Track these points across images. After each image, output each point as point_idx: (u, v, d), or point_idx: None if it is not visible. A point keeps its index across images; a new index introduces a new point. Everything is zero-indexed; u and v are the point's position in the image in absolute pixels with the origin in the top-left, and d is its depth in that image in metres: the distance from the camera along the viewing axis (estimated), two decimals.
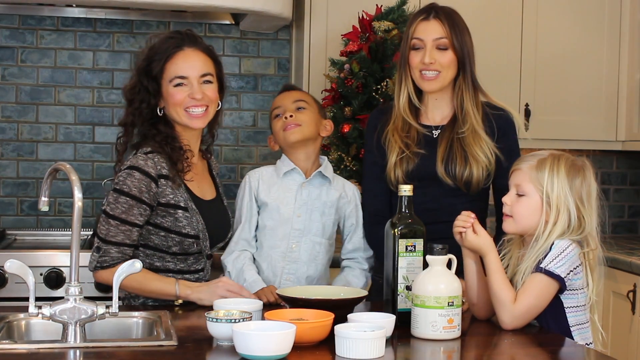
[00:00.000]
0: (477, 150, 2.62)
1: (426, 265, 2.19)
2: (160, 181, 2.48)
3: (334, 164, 3.60)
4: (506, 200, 2.34)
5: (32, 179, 4.00)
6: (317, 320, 2.04)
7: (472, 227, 2.29)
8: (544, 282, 2.22)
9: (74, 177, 2.06)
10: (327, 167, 2.76)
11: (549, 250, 2.24)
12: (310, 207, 2.71)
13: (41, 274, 3.29)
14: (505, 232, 2.38)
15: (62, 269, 3.33)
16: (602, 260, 2.33)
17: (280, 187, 2.71)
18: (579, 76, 4.09)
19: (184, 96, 2.52)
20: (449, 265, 2.19)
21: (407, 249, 2.26)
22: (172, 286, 2.45)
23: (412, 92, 2.69)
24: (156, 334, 2.16)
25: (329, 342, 1.99)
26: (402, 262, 2.26)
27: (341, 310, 2.16)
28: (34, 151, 4.00)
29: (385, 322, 2.07)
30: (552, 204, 2.27)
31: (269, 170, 2.76)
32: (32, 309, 2.01)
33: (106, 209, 2.46)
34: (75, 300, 2.03)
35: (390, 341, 2.08)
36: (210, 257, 2.62)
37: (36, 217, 4.01)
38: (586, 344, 2.27)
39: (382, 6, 3.68)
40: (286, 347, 1.88)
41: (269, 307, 2.40)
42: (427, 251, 2.19)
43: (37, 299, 2.02)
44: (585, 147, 4.23)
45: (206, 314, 2.04)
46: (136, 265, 2.05)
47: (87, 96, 4.03)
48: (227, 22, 4.11)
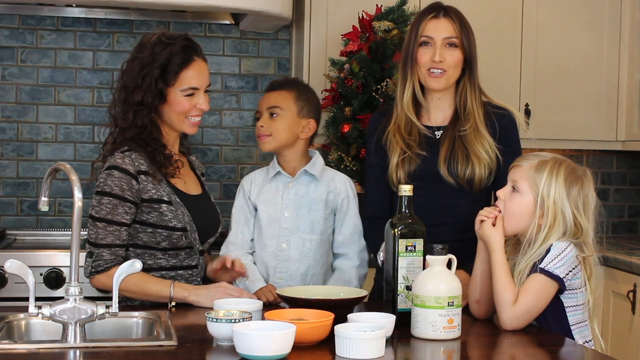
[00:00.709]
0: (479, 147, 2.61)
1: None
2: (140, 177, 2.49)
3: (334, 164, 3.60)
4: (500, 194, 2.34)
5: (32, 179, 4.00)
6: (317, 320, 2.04)
7: (495, 219, 2.30)
8: (544, 282, 2.22)
9: (74, 177, 2.06)
10: (315, 164, 2.76)
11: (545, 252, 2.23)
12: (297, 205, 2.72)
13: (41, 274, 3.30)
14: None
15: (62, 269, 3.33)
16: (597, 261, 2.33)
17: (269, 189, 2.76)
18: (579, 76, 4.09)
19: (192, 105, 2.57)
20: (449, 265, 2.19)
21: (407, 249, 2.26)
22: (168, 288, 2.45)
23: (417, 89, 2.67)
24: (156, 334, 2.16)
25: (329, 342, 1.99)
26: (402, 262, 2.26)
27: (341, 310, 2.16)
28: (33, 151, 4.00)
29: (385, 322, 2.07)
30: (548, 208, 2.26)
31: (262, 173, 2.81)
32: (32, 309, 2.01)
33: (92, 212, 2.49)
34: (75, 300, 2.03)
35: (390, 341, 2.08)
36: (202, 253, 2.62)
37: (36, 217, 4.01)
38: (586, 341, 2.28)
39: (382, 6, 3.68)
40: (286, 347, 1.88)
41: (269, 307, 2.40)
42: (427, 251, 2.19)
43: (37, 299, 2.02)
44: (585, 147, 4.23)
45: (206, 314, 2.04)
46: (136, 265, 2.05)
47: (87, 96, 4.03)
48: (227, 22, 4.11)
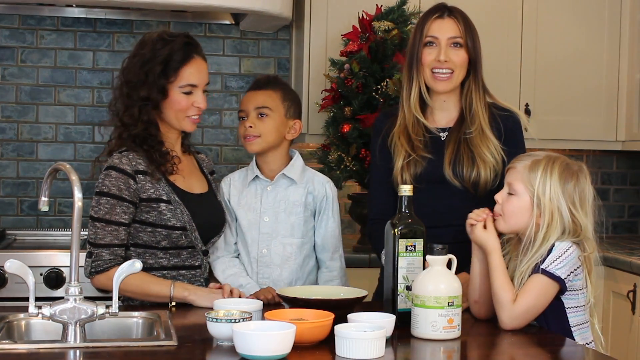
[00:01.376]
0: (484, 150, 2.60)
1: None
2: (137, 177, 2.49)
3: (334, 164, 3.60)
4: (497, 197, 2.34)
5: (32, 179, 4.00)
6: (317, 320, 2.04)
7: (485, 222, 2.29)
8: (544, 283, 2.22)
9: (74, 177, 2.06)
10: (294, 166, 2.73)
11: (547, 253, 2.24)
12: (276, 209, 2.70)
13: (41, 274, 3.29)
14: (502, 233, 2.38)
15: (62, 269, 3.33)
16: (598, 260, 2.33)
17: (248, 193, 2.73)
18: (579, 76, 4.09)
19: (190, 103, 2.56)
20: (449, 265, 2.19)
21: (407, 249, 2.26)
22: (168, 288, 2.45)
23: (424, 90, 2.65)
24: (156, 334, 2.16)
25: (329, 342, 1.99)
26: (402, 262, 2.26)
27: (341, 310, 2.16)
28: (34, 151, 4.00)
29: (385, 322, 2.07)
30: (544, 206, 2.26)
31: (241, 175, 2.78)
32: (32, 309, 2.01)
33: (91, 212, 2.50)
34: (75, 300, 2.03)
35: (390, 341, 2.08)
36: (206, 253, 2.62)
37: (36, 217, 4.01)
38: (586, 343, 2.27)
39: (382, 6, 3.68)
40: (286, 347, 1.88)
41: (268, 307, 2.40)
42: (427, 251, 2.19)
43: (37, 299, 2.02)
44: (585, 147, 4.23)
45: (206, 314, 2.04)
46: (136, 265, 2.05)
47: (87, 96, 4.03)
48: (227, 22, 4.11)
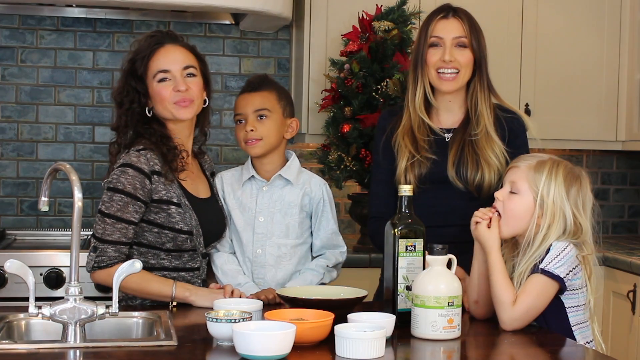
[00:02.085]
0: (489, 153, 2.59)
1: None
2: (153, 177, 2.48)
3: (334, 164, 3.60)
4: (498, 195, 2.33)
5: (32, 179, 4.00)
6: (317, 320, 2.04)
7: (490, 221, 2.29)
8: (544, 282, 2.22)
9: (74, 177, 2.06)
10: (290, 167, 2.72)
11: (545, 252, 2.24)
12: (271, 210, 2.68)
13: (41, 274, 3.29)
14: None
15: (62, 269, 3.33)
16: (596, 261, 2.34)
17: (243, 193, 2.71)
18: (579, 76, 4.09)
19: (170, 91, 2.54)
20: (449, 265, 2.19)
21: (407, 249, 2.26)
22: (170, 288, 2.45)
23: (429, 91, 2.64)
24: (156, 334, 2.16)
25: (329, 342, 1.99)
26: (402, 262, 2.26)
27: (341, 310, 2.16)
28: (34, 151, 4.00)
29: (385, 322, 2.07)
30: (547, 208, 2.26)
31: (235, 173, 2.75)
32: (32, 309, 2.01)
33: (101, 208, 2.47)
34: (75, 300, 2.03)
35: (390, 341, 2.08)
36: (206, 255, 2.62)
37: (36, 217, 4.01)
38: (587, 342, 2.28)
39: (382, 6, 3.68)
40: (286, 347, 1.88)
41: (268, 307, 2.40)
42: (427, 251, 2.19)
43: (37, 299, 2.02)
44: (585, 147, 4.23)
45: (206, 314, 2.04)
46: (136, 265, 2.05)
47: (87, 96, 4.03)
48: (227, 22, 4.11)
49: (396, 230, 2.26)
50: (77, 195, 2.03)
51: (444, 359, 2.09)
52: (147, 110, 2.56)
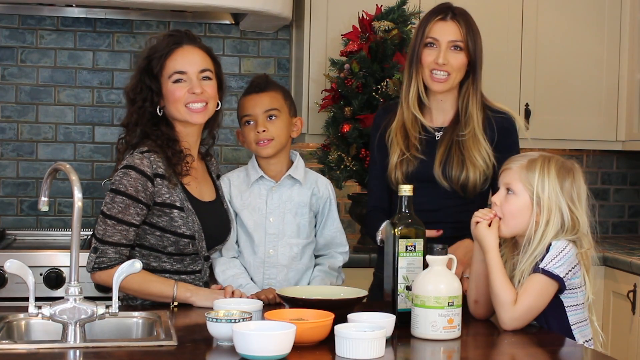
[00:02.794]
0: (475, 154, 2.63)
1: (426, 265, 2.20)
2: (156, 180, 2.48)
3: (334, 164, 3.60)
4: (495, 199, 2.34)
5: (32, 179, 4.00)
6: (317, 320, 2.04)
7: (491, 221, 2.30)
8: (544, 282, 2.23)
9: (74, 177, 2.06)
10: (297, 167, 2.72)
11: (545, 251, 2.24)
12: (282, 210, 2.68)
13: (41, 274, 3.29)
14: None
15: (62, 269, 3.33)
16: (597, 260, 2.34)
17: (251, 193, 2.69)
18: (579, 76, 4.09)
19: (184, 92, 2.52)
20: (449, 265, 2.19)
21: (407, 249, 2.26)
22: (171, 288, 2.45)
23: (422, 89, 2.67)
24: (156, 334, 2.16)
25: (329, 342, 1.99)
26: (402, 262, 2.26)
27: (341, 310, 2.16)
28: (33, 151, 4.00)
29: (385, 322, 2.07)
30: (543, 204, 2.26)
31: (241, 175, 2.73)
32: (32, 309, 2.01)
33: (103, 209, 2.47)
34: (75, 300, 2.02)
35: (390, 341, 2.08)
36: (207, 258, 2.61)
37: (36, 217, 4.01)
38: (586, 341, 2.28)
39: (382, 6, 3.68)
40: (286, 347, 1.88)
41: (268, 307, 2.40)
42: (427, 251, 2.19)
43: (37, 299, 2.02)
44: (585, 147, 4.23)
45: (206, 314, 2.04)
46: (136, 265, 2.05)
47: (87, 96, 4.03)
48: (227, 22, 4.11)
49: (396, 230, 2.26)
50: (77, 195, 2.03)
51: (444, 359, 2.09)
52: (158, 109, 2.56)
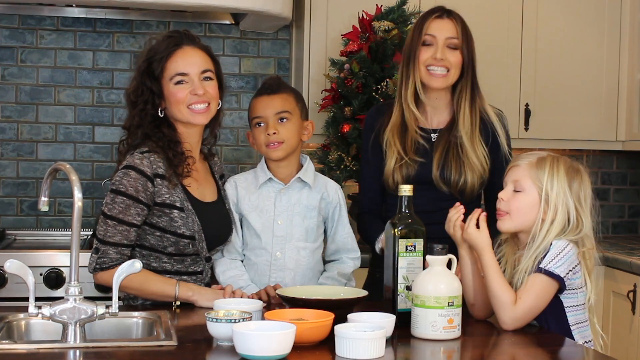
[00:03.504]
0: (472, 157, 2.65)
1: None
2: (156, 180, 2.48)
3: (334, 164, 3.60)
4: (502, 195, 2.34)
5: (32, 179, 4.00)
6: (317, 320, 2.04)
7: (478, 222, 2.30)
8: (544, 282, 2.23)
9: (74, 177, 2.06)
10: (307, 170, 2.70)
11: (547, 250, 2.24)
12: (290, 213, 2.66)
13: (41, 274, 3.29)
14: (498, 234, 2.38)
15: (62, 269, 3.33)
16: (598, 260, 2.34)
17: (259, 196, 2.67)
18: (579, 76, 4.09)
19: (186, 93, 2.52)
20: (449, 265, 2.19)
21: (407, 249, 2.26)
22: (173, 287, 2.45)
23: (419, 86, 2.68)
24: (156, 334, 2.16)
25: (329, 342, 1.99)
26: (402, 262, 2.26)
27: (341, 310, 2.16)
28: (33, 151, 4.00)
29: (385, 322, 2.07)
30: (551, 202, 2.27)
31: (248, 177, 2.71)
32: (32, 309, 2.01)
33: (104, 209, 2.47)
34: (75, 300, 2.03)
35: (390, 341, 2.08)
36: (209, 259, 2.61)
37: (36, 217, 4.01)
38: (585, 342, 2.28)
39: (382, 6, 3.68)
40: (286, 347, 1.88)
41: (268, 307, 2.40)
42: (427, 251, 2.19)
43: (37, 299, 2.02)
44: (585, 147, 4.23)
45: (206, 314, 2.04)
46: (136, 265, 2.05)
47: (87, 96, 4.03)
48: (227, 22, 4.11)
49: (396, 230, 2.26)
50: (77, 195, 2.03)
51: (444, 359, 2.09)
52: (159, 111, 2.55)
